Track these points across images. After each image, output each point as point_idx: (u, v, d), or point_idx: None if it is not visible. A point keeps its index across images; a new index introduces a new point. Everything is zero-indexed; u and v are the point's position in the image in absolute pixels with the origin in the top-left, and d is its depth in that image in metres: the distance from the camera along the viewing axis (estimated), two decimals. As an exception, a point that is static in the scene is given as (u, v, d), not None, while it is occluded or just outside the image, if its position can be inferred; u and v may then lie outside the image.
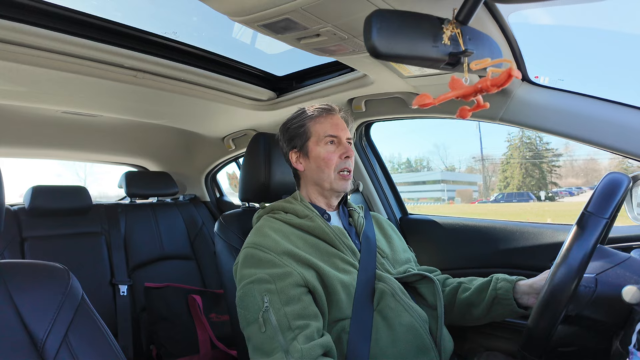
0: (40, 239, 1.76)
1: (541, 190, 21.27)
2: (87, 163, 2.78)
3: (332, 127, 1.09)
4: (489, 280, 1.07)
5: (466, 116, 0.65)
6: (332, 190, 1.09)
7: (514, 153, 23.53)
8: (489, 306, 1.03)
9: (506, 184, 22.43)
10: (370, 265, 1.02)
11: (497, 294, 1.02)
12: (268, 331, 0.84)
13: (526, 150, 23.51)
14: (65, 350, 0.68)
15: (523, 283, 1.01)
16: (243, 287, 0.91)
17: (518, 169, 22.53)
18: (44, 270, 0.74)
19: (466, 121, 1.39)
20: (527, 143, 23.02)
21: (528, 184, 21.97)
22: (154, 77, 1.34)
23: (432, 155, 29.54)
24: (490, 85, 0.57)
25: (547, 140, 22.48)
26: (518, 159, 22.92)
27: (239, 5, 0.82)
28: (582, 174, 23.86)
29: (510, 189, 21.82)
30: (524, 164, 22.59)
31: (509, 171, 22.79)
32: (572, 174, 23.88)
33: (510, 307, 1.00)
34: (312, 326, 0.84)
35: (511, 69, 0.54)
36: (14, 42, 1.04)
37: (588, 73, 61.35)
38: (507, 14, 0.91)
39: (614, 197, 0.74)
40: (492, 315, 1.05)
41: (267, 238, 0.97)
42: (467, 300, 1.08)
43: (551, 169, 23.20)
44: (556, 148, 23.72)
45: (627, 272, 0.77)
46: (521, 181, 22.11)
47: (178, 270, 2.09)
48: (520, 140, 23.14)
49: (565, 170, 23.92)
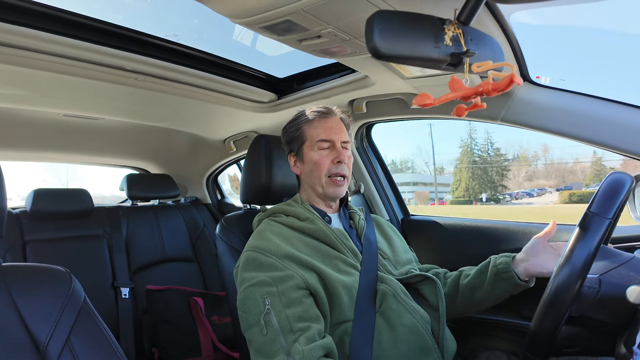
0: (42, 242, 1.76)
1: (483, 192, 23.19)
2: (69, 168, 2.80)
3: (325, 130, 1.08)
4: (487, 262, 1.10)
5: (462, 114, 0.65)
6: (325, 195, 1.08)
7: (464, 158, 25.73)
8: (491, 284, 1.05)
9: (457, 187, 24.25)
10: (372, 267, 1.01)
11: (498, 270, 1.05)
12: (269, 334, 0.84)
13: (474, 155, 25.71)
14: (68, 353, 0.67)
15: (518, 254, 1.06)
16: (244, 290, 0.91)
17: (466, 172, 24.56)
18: (46, 273, 0.74)
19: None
20: (477, 148, 25.51)
21: (474, 187, 23.91)
22: (155, 80, 1.34)
23: (415, 157, 31.14)
24: (491, 90, 0.57)
25: (497, 146, 25.31)
26: (465, 164, 25.18)
27: (239, 7, 0.82)
28: (554, 175, 25.24)
29: (459, 192, 23.70)
30: (472, 168, 24.72)
31: (458, 175, 24.97)
32: (544, 176, 25.43)
33: (512, 280, 1.03)
34: (314, 328, 0.84)
35: (513, 74, 0.54)
36: (15, 45, 1.04)
37: (589, 72, 61.42)
38: (508, 15, 0.91)
39: (617, 197, 0.74)
40: (496, 294, 1.06)
41: (268, 241, 0.96)
42: (470, 284, 1.10)
43: (502, 172, 25.18)
44: (505, 153, 26.27)
45: (631, 272, 0.77)
46: (468, 184, 23.99)
47: (180, 272, 2.09)
48: (469, 146, 25.62)
49: (536, 172, 25.64)
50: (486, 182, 24.03)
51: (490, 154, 25.33)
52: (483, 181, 24.16)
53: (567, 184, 22.76)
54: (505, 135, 41.27)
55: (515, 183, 24.67)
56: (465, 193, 23.30)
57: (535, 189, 22.29)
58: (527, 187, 23.57)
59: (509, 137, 36.75)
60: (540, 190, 21.27)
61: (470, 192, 23.41)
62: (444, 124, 60.24)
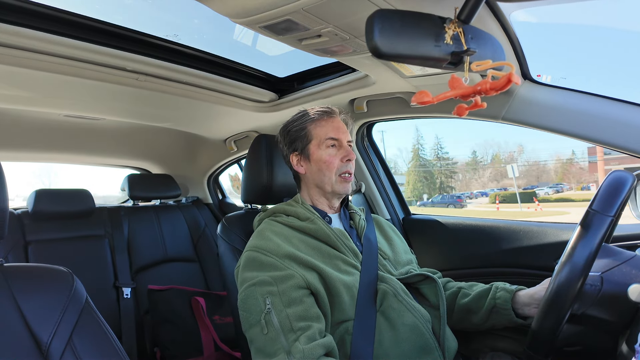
0: (43, 242, 1.77)
1: (424, 194, 26.45)
2: (51, 173, 2.80)
3: (333, 130, 1.09)
4: (488, 288, 1.08)
5: (463, 114, 0.65)
6: (334, 192, 1.09)
7: (413, 162, 29.16)
8: (487, 314, 1.04)
9: (405, 188, 27.10)
10: (372, 267, 1.01)
11: (496, 304, 1.03)
12: (270, 333, 0.84)
13: (420, 160, 29.22)
14: (70, 353, 0.68)
15: (523, 293, 1.01)
16: (245, 290, 0.91)
17: (413, 175, 28.40)
18: (47, 273, 0.74)
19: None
20: (423, 153, 29.38)
21: (419, 188, 27.62)
22: (156, 80, 1.34)
23: (397, 158, 33.51)
24: (490, 89, 0.57)
25: (446, 150, 28.72)
26: (413, 167, 28.66)
27: (240, 6, 0.82)
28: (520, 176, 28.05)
29: (406, 193, 26.42)
30: (418, 171, 28.15)
31: (407, 177, 28.14)
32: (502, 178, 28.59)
33: (509, 317, 1.01)
34: (314, 327, 0.84)
35: (511, 74, 0.54)
36: (16, 46, 1.05)
37: (589, 71, 61.26)
38: (509, 13, 0.91)
39: (619, 194, 0.74)
40: (491, 323, 1.06)
41: (268, 241, 0.97)
42: (466, 307, 1.09)
43: (450, 175, 28.46)
44: (452, 157, 30.16)
45: (633, 270, 0.77)
46: (414, 185, 27.73)
47: (181, 272, 2.09)
48: (417, 151, 29.10)
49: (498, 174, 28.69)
50: (429, 184, 27.41)
51: (440, 158, 28.85)
52: (428, 183, 27.53)
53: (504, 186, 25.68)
54: (485, 135, 42.15)
55: (464, 184, 28.05)
56: (411, 194, 26.64)
57: (489, 190, 25.24)
58: (474, 189, 26.65)
59: (488, 138, 38.35)
60: (482, 192, 24.07)
61: (415, 193, 26.40)
62: (401, 130, 61.91)
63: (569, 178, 24.96)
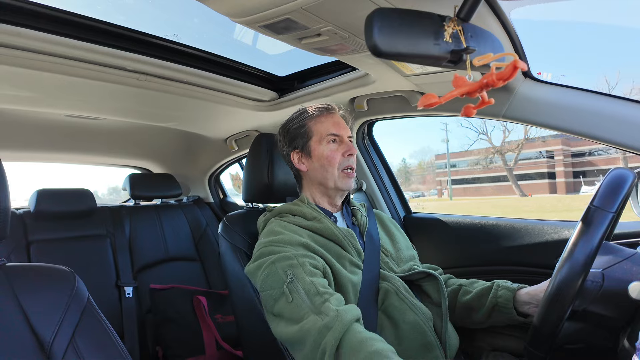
0: (45, 242, 1.77)
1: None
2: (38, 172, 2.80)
3: (333, 125, 1.09)
4: (489, 286, 1.07)
5: (471, 114, 0.64)
6: (337, 188, 1.08)
7: None
8: (488, 313, 1.04)
9: None
10: (374, 265, 1.01)
11: (497, 302, 1.02)
12: (295, 299, 0.82)
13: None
14: (72, 352, 0.68)
15: (525, 292, 1.01)
16: (265, 269, 0.90)
17: None
18: (49, 273, 0.74)
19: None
20: None
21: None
22: (156, 80, 1.34)
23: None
24: (496, 79, 0.55)
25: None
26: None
27: (239, 6, 0.82)
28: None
29: None
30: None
31: None
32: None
33: (510, 316, 1.00)
34: (340, 295, 0.84)
35: (516, 61, 0.53)
36: (17, 46, 1.05)
37: (589, 70, 61.08)
38: (508, 11, 0.91)
39: (620, 191, 0.74)
40: (492, 321, 1.05)
41: (280, 235, 0.97)
42: (467, 304, 1.08)
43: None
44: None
45: (634, 267, 0.77)
46: None
47: (183, 271, 2.10)
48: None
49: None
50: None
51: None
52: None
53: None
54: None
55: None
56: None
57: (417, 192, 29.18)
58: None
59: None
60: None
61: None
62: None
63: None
